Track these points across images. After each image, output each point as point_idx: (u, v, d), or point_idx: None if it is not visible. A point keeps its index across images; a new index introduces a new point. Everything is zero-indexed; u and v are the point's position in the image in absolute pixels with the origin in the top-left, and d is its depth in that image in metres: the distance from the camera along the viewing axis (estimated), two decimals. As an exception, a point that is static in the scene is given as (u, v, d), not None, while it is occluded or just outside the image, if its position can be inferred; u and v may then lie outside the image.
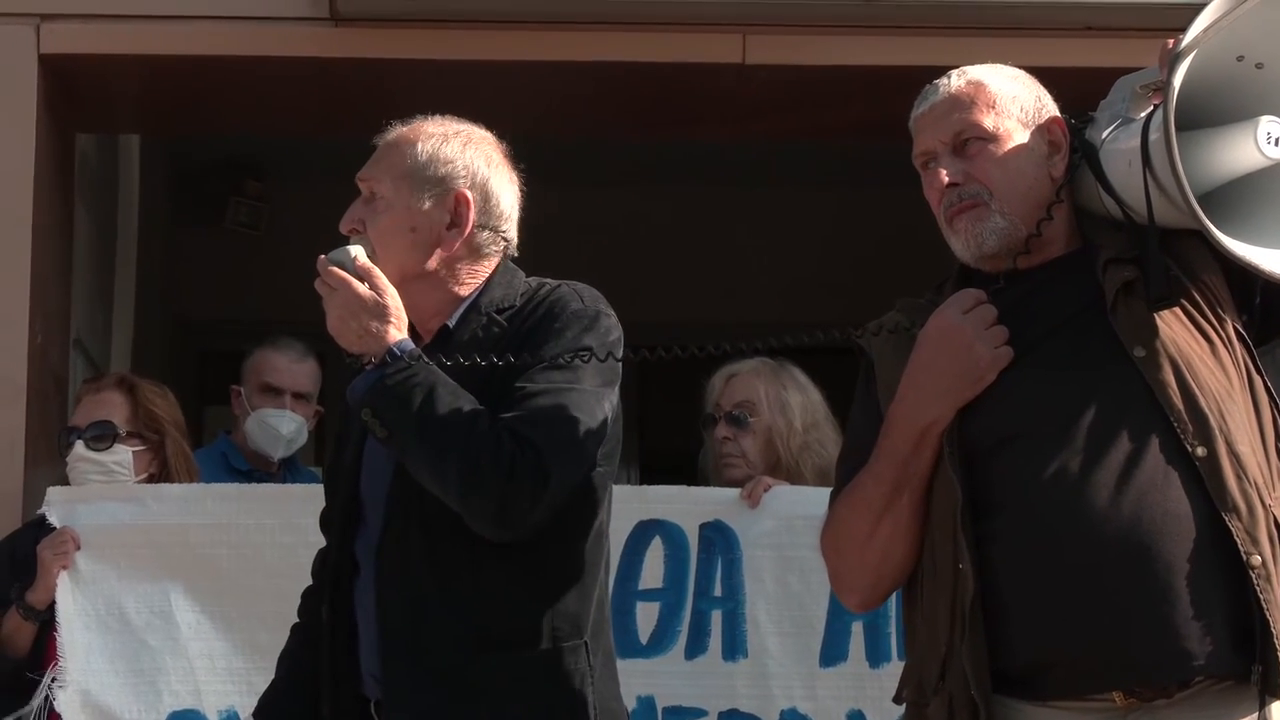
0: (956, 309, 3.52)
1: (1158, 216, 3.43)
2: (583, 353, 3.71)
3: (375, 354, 3.70)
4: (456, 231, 3.85)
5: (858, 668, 5.00)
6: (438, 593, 3.72)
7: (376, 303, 3.71)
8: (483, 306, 3.84)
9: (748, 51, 6.16)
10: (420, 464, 3.69)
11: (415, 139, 3.88)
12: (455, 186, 3.85)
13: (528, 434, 3.63)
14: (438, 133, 3.90)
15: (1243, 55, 3.43)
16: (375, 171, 3.88)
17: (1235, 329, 3.50)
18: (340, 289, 3.71)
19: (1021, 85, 3.64)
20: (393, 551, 3.77)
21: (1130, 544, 3.32)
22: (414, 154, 3.86)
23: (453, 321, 3.85)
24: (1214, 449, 3.36)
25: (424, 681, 3.72)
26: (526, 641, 3.72)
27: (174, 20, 6.11)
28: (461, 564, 3.72)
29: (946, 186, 3.58)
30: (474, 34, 6.07)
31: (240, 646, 5.14)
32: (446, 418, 3.65)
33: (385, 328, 3.70)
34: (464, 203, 3.85)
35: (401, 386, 3.66)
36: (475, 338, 3.80)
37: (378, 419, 3.68)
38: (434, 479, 3.68)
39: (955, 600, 3.42)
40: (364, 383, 3.71)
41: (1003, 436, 3.45)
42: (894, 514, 3.52)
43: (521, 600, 3.73)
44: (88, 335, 7.16)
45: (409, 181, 3.84)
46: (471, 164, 3.88)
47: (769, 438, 5.54)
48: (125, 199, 7.93)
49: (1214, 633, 3.32)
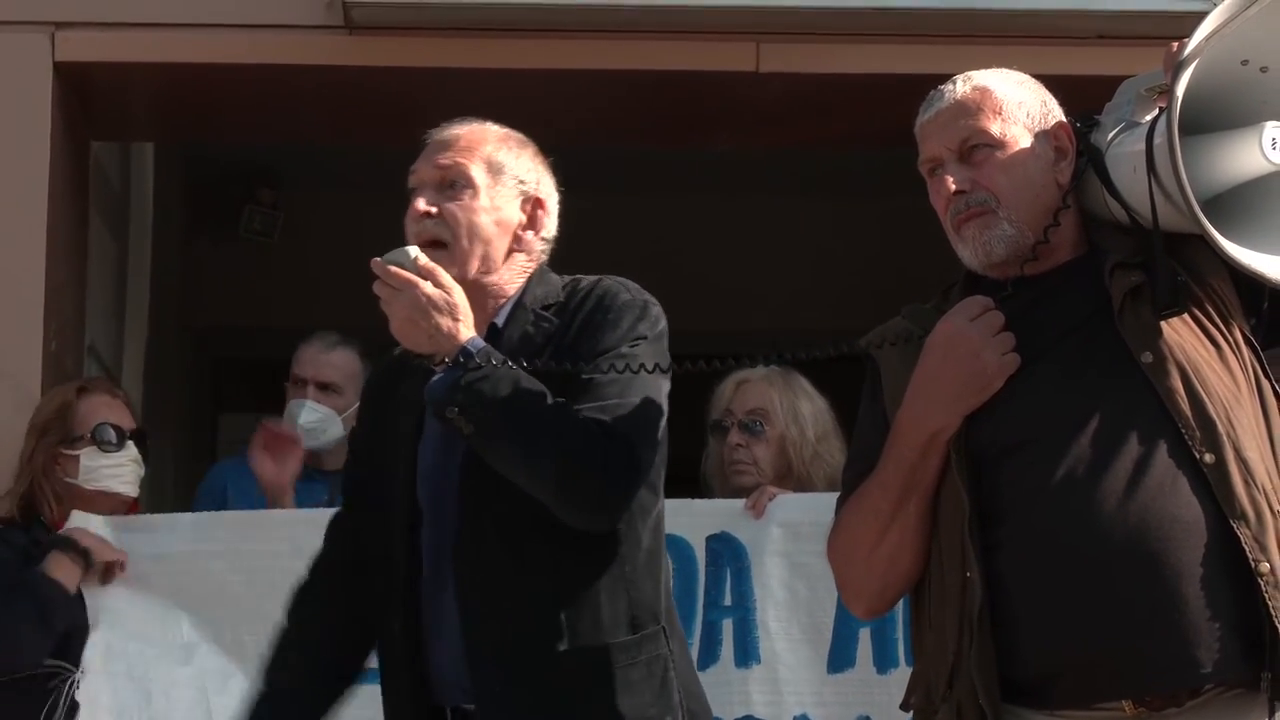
0: (963, 316, 3.51)
1: (1163, 221, 3.41)
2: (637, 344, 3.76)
3: (449, 353, 3.68)
4: (533, 234, 3.91)
5: (865, 674, 5.00)
6: (520, 593, 3.73)
7: (446, 300, 3.69)
8: (528, 304, 3.87)
9: (761, 60, 6.15)
10: (511, 459, 3.69)
11: (498, 139, 3.93)
12: (535, 191, 3.92)
13: (611, 423, 3.67)
14: (514, 137, 3.97)
15: (1248, 59, 3.42)
16: (462, 157, 3.88)
17: (1243, 334, 3.48)
18: (405, 289, 3.68)
19: (1028, 90, 3.63)
20: (471, 554, 3.76)
21: (1138, 551, 3.31)
22: (502, 151, 3.91)
23: (501, 320, 3.87)
24: (1222, 455, 3.34)
25: (515, 683, 3.72)
26: (610, 632, 3.74)
27: (188, 28, 6.12)
28: (542, 562, 3.73)
29: (953, 194, 3.56)
30: (487, 43, 6.07)
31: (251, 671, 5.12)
32: (536, 411, 3.65)
33: (457, 325, 3.69)
34: (542, 207, 3.93)
35: (487, 382, 3.65)
36: (525, 334, 3.83)
37: (464, 416, 3.65)
38: (527, 473, 3.68)
39: (963, 608, 3.41)
40: (443, 382, 3.68)
41: (1010, 443, 3.44)
42: (901, 521, 3.51)
43: (601, 592, 3.75)
44: (102, 343, 7.17)
45: (496, 175, 3.88)
46: (542, 174, 3.97)
47: (782, 446, 5.53)
48: (139, 207, 7.94)
49: (1223, 640, 3.30)
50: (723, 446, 5.63)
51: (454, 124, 3.96)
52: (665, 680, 3.79)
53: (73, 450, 5.27)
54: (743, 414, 5.58)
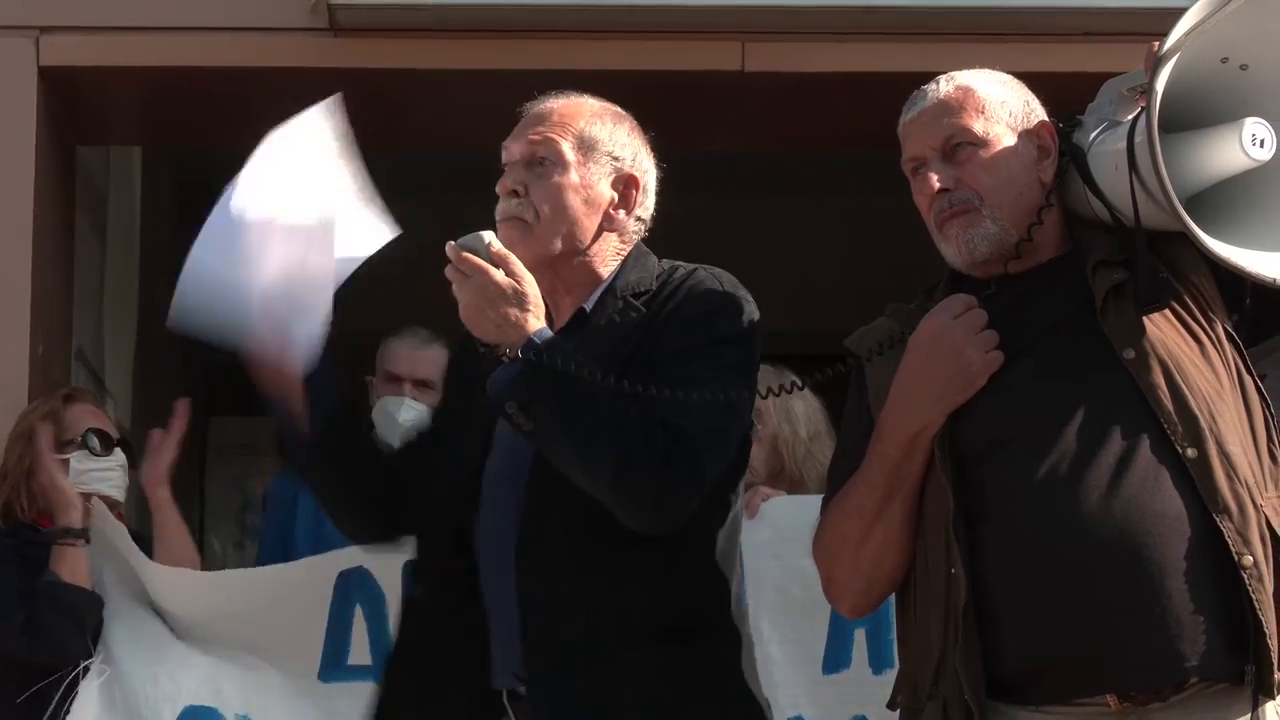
0: (947, 314, 3.52)
1: (1145, 218, 3.43)
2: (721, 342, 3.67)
3: (514, 344, 3.58)
4: (624, 212, 3.82)
5: (861, 674, 4.98)
6: (580, 589, 3.65)
7: (515, 290, 3.58)
8: (619, 290, 3.77)
9: (747, 59, 6.15)
10: (570, 457, 3.60)
11: (592, 113, 3.85)
12: (627, 168, 3.83)
13: (679, 424, 3.56)
14: (611, 111, 3.88)
15: (1227, 57, 3.44)
16: (554, 133, 3.79)
17: (1225, 330, 3.50)
18: (475, 275, 3.57)
19: (1010, 90, 3.65)
20: (534, 548, 3.68)
21: (1122, 546, 3.32)
22: (593, 126, 3.82)
23: (589, 305, 3.78)
24: (1204, 450, 3.36)
25: (569, 678, 3.65)
26: (667, 634, 3.66)
27: (173, 31, 6.10)
28: (602, 559, 3.64)
29: (937, 192, 3.58)
30: (472, 44, 6.06)
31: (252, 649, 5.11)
32: (596, 410, 3.55)
33: (525, 316, 3.58)
34: (635, 185, 3.83)
35: (548, 377, 3.56)
36: (612, 322, 3.73)
37: (524, 412, 3.57)
38: (584, 472, 3.59)
39: (948, 605, 3.42)
40: (505, 374, 3.59)
41: (994, 441, 3.45)
42: (886, 519, 3.52)
43: (661, 592, 3.67)
44: (90, 347, 7.16)
45: (588, 152, 3.79)
46: (640, 150, 3.88)
47: (774, 446, 5.51)
48: (127, 211, 7.92)
49: (1207, 634, 3.32)
50: None
51: (550, 97, 3.88)
52: (720, 685, 3.72)
53: (61, 454, 5.27)
54: None
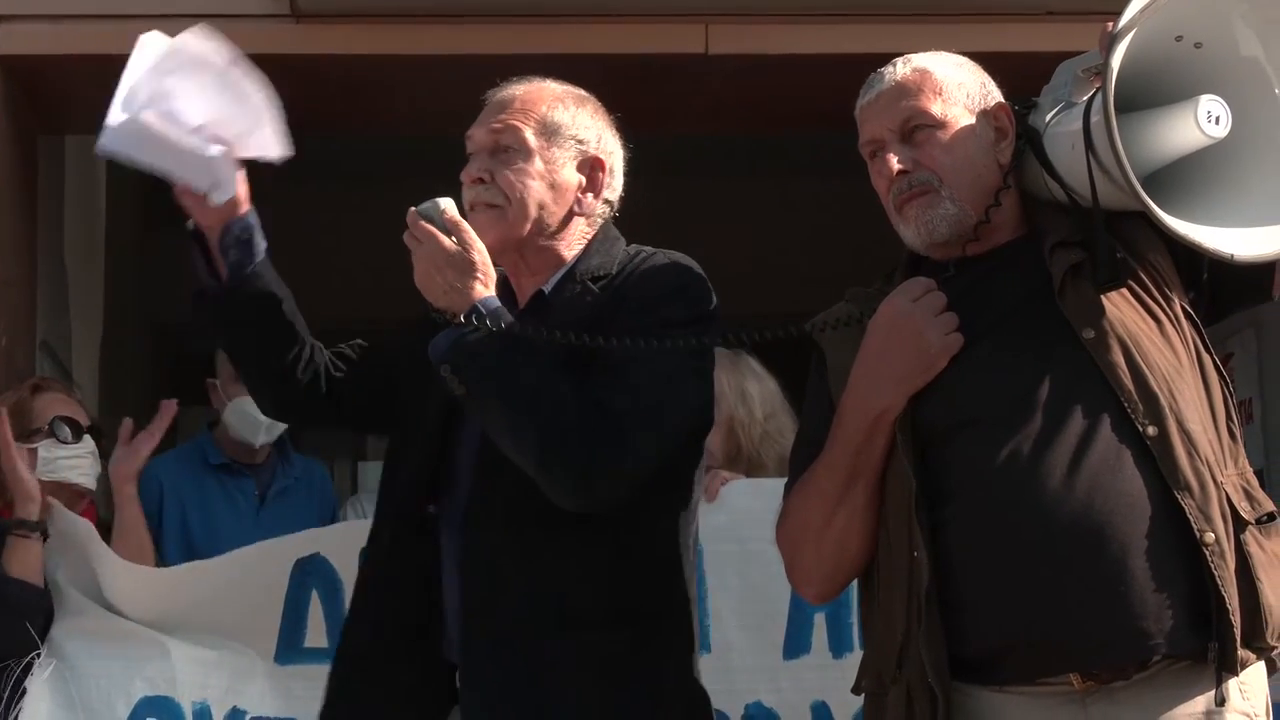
0: (906, 297, 3.52)
1: (1102, 198, 3.43)
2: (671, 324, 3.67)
3: (460, 310, 3.62)
4: (592, 195, 3.85)
5: (821, 659, 4.96)
6: (519, 569, 3.66)
7: (463, 257, 3.63)
8: (579, 274, 3.80)
9: (710, 42, 6.15)
10: (498, 427, 3.63)
11: (554, 97, 3.86)
12: (592, 151, 3.85)
13: (613, 403, 3.58)
14: (574, 94, 3.90)
15: (1181, 35, 3.44)
16: (516, 120, 3.81)
17: (1183, 308, 3.51)
18: (428, 241, 3.63)
19: (967, 72, 3.65)
20: (477, 523, 3.71)
21: (1084, 525, 3.32)
22: (556, 110, 3.84)
23: (549, 287, 3.81)
24: (1165, 428, 3.37)
25: (501, 657, 3.66)
26: (605, 621, 3.67)
27: (134, 19, 6.02)
28: (544, 541, 3.66)
29: (896, 174, 3.58)
30: (433, 29, 6.06)
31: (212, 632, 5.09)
32: (527, 381, 3.58)
33: (471, 283, 3.63)
34: (601, 168, 3.86)
35: (483, 344, 3.59)
36: (569, 305, 3.75)
37: (456, 375, 3.61)
38: (512, 443, 3.61)
39: (911, 588, 3.42)
40: (446, 339, 3.64)
41: (955, 423, 3.45)
42: (849, 504, 3.53)
43: (603, 579, 3.68)
44: (55, 338, 7.14)
45: (552, 136, 3.81)
46: (604, 131, 3.90)
47: (730, 428, 5.49)
48: (92, 200, 7.91)
49: (1171, 611, 3.32)
50: None
51: (512, 83, 3.90)
52: (656, 675, 3.73)
53: (29, 444, 5.25)
54: None
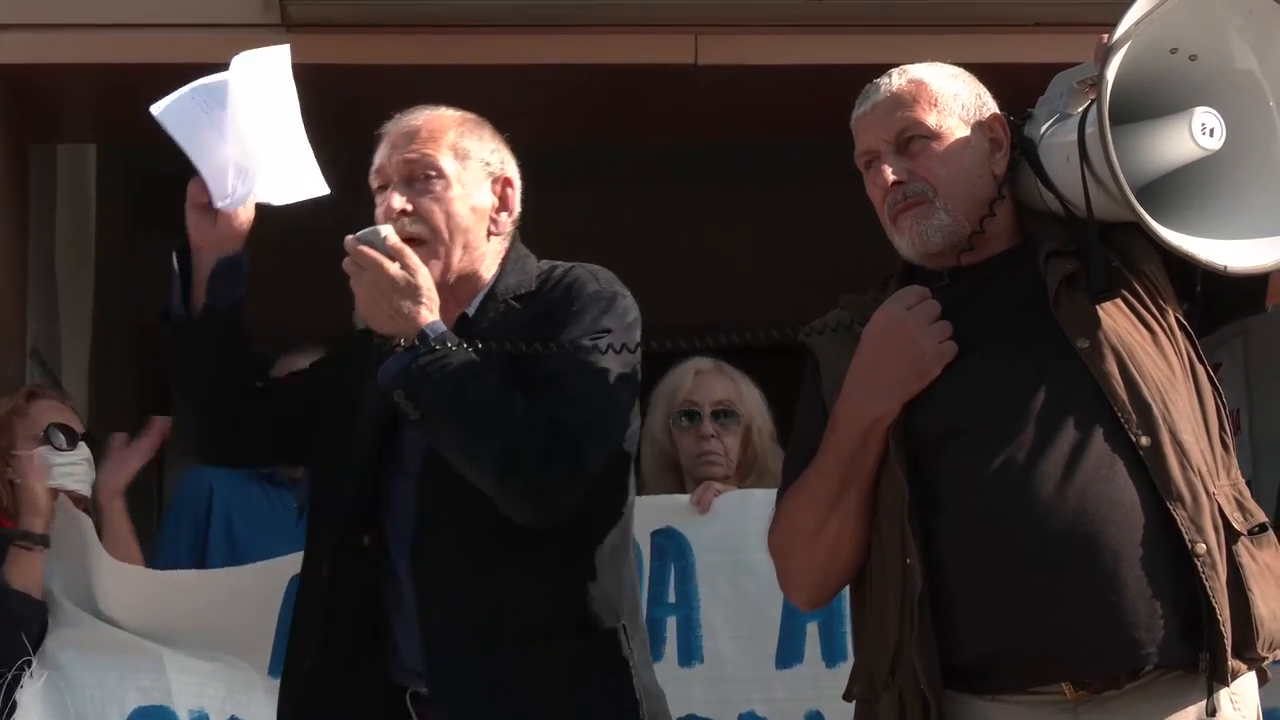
0: (900, 305, 3.54)
1: (1096, 209, 3.44)
2: (600, 337, 3.71)
3: (407, 335, 3.65)
4: (506, 215, 3.88)
5: (814, 668, 4.97)
6: (477, 587, 3.70)
7: (408, 282, 3.65)
8: (499, 294, 3.84)
9: (700, 52, 6.17)
10: (455, 448, 3.66)
11: (459, 123, 3.89)
12: (500, 171, 3.89)
13: (561, 417, 3.63)
14: (470, 119, 3.92)
15: (1176, 48, 3.45)
16: (428, 148, 3.83)
17: (1177, 319, 3.52)
18: (370, 269, 3.66)
19: (962, 83, 3.66)
20: (429, 546, 3.74)
21: (1077, 534, 3.33)
22: (464, 137, 3.86)
23: (472, 309, 3.84)
24: (1158, 438, 3.38)
25: (468, 675, 3.70)
26: (566, 629, 3.73)
27: (126, 29, 6.09)
28: (498, 556, 3.70)
29: (891, 185, 3.59)
30: (423, 39, 6.07)
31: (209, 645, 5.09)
32: (482, 401, 3.62)
33: (417, 308, 3.66)
34: (510, 186, 3.90)
35: (436, 368, 3.62)
36: (494, 325, 3.78)
37: (411, 401, 3.63)
38: (470, 464, 3.64)
39: (904, 596, 3.43)
40: (396, 364, 3.66)
41: (948, 431, 3.46)
42: (841, 510, 3.53)
43: (559, 589, 3.73)
44: (45, 346, 7.13)
45: (464, 161, 3.84)
46: (503, 150, 3.93)
47: (748, 436, 5.53)
48: (83, 208, 7.90)
49: (1162, 621, 3.33)
50: (689, 437, 5.59)
51: (409, 114, 3.91)
52: (624, 683, 3.78)
53: (24, 451, 5.26)
54: (712, 405, 5.55)
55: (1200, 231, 3.43)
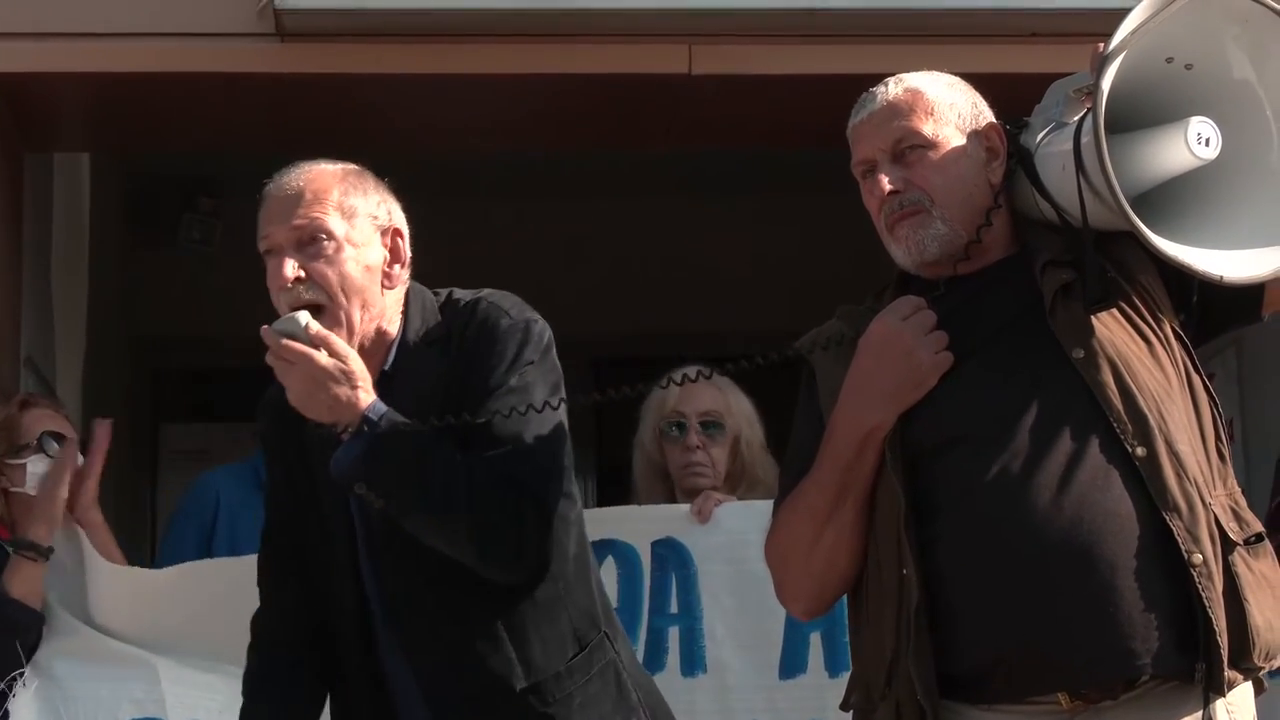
0: (896, 315, 3.53)
1: (1092, 219, 3.44)
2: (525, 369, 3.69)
3: (350, 422, 3.58)
4: (399, 267, 3.79)
5: (817, 678, 4.98)
6: (464, 641, 3.70)
7: (341, 370, 3.57)
8: (410, 341, 3.78)
9: (694, 62, 6.17)
10: (426, 529, 3.63)
11: (339, 179, 3.78)
12: (387, 222, 3.79)
13: (522, 476, 3.62)
14: (353, 171, 3.82)
15: (1172, 57, 3.45)
16: (315, 211, 3.72)
17: (1173, 329, 3.51)
18: (300, 362, 3.56)
19: (959, 92, 3.66)
20: (406, 611, 3.74)
21: (1073, 545, 3.33)
22: (349, 195, 3.76)
23: (389, 364, 3.78)
24: (1154, 448, 3.37)
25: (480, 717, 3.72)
26: (560, 655, 3.73)
27: (120, 38, 6.09)
28: (476, 607, 3.69)
29: (887, 194, 3.58)
30: (418, 48, 6.06)
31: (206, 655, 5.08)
32: (444, 478, 3.58)
33: (355, 393, 3.57)
34: (400, 236, 3.81)
35: (391, 454, 3.57)
36: (414, 376, 3.73)
37: (373, 491, 3.58)
38: (445, 541, 3.63)
39: (900, 605, 3.43)
40: (347, 455, 3.59)
41: (944, 440, 3.46)
42: (838, 521, 3.53)
43: (543, 619, 3.73)
44: (39, 354, 7.13)
45: (352, 219, 3.74)
46: (388, 199, 3.83)
47: (735, 448, 5.52)
48: (76, 217, 7.90)
49: (1158, 631, 3.33)
50: (676, 448, 5.58)
51: (287, 175, 3.80)
52: (620, 683, 3.80)
53: (18, 459, 5.25)
54: (699, 416, 5.54)
55: (1196, 241, 3.43)
